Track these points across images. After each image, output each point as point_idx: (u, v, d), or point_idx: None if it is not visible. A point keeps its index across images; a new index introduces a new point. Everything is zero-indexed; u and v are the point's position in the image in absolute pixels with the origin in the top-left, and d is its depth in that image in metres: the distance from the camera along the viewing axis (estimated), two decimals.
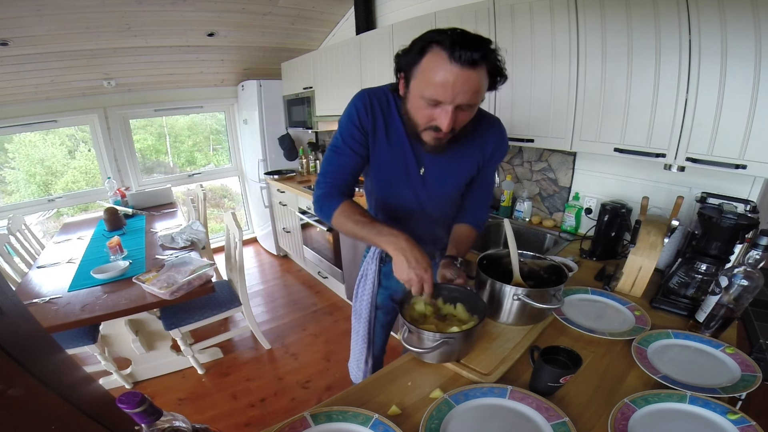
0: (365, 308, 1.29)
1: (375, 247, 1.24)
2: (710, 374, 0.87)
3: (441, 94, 0.77)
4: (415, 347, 0.87)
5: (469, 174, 1.10)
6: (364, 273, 1.29)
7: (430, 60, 0.76)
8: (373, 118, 0.97)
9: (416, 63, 0.79)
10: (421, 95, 0.81)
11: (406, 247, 0.85)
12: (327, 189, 0.99)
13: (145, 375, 2.18)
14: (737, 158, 1.10)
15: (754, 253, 0.91)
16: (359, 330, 1.33)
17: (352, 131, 0.98)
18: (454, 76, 0.74)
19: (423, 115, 0.84)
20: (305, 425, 0.74)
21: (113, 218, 2.66)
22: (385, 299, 1.32)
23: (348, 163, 1.00)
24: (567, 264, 1.38)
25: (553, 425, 0.73)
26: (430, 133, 0.87)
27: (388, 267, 1.27)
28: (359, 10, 2.74)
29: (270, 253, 4.05)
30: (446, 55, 0.73)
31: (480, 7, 1.64)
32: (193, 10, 2.54)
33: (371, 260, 1.26)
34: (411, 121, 0.89)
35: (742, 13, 1.00)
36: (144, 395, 0.43)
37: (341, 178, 1.01)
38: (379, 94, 0.98)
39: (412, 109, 0.87)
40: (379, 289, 1.29)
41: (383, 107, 0.97)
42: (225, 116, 3.99)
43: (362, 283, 1.29)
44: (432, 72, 0.76)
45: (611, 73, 1.32)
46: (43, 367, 0.52)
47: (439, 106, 0.81)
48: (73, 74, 2.78)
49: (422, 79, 0.79)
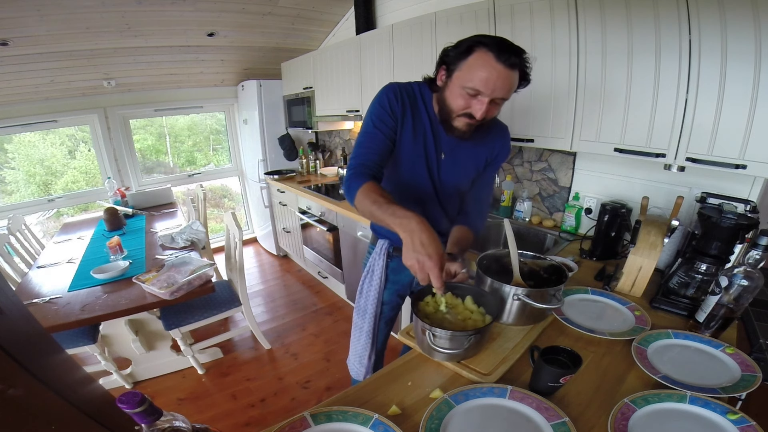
0: (371, 304, 1.30)
1: (382, 242, 1.29)
2: (710, 374, 0.87)
3: (483, 86, 0.90)
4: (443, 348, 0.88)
5: (477, 168, 1.20)
6: (370, 269, 1.30)
7: (478, 57, 0.89)
8: (402, 106, 1.07)
9: (463, 58, 0.91)
10: (463, 86, 0.93)
11: (415, 229, 0.82)
12: (355, 170, 1.02)
13: (145, 375, 2.18)
14: (737, 158, 1.10)
15: (754, 253, 0.91)
16: (363, 326, 1.33)
17: (383, 116, 1.06)
18: (497, 73, 0.89)
19: (460, 103, 0.96)
20: (305, 425, 0.74)
21: (113, 218, 2.66)
22: (391, 294, 1.35)
23: (378, 146, 1.05)
24: (567, 264, 1.38)
25: (553, 425, 0.73)
26: (462, 119, 0.98)
27: (395, 262, 1.30)
28: (359, 10, 2.74)
29: (270, 253, 4.05)
30: (493, 56, 0.88)
31: (480, 7, 1.64)
32: (193, 10, 2.54)
33: (378, 256, 1.28)
34: (447, 107, 1.00)
35: (742, 13, 1.00)
36: (144, 395, 0.43)
37: (370, 159, 1.04)
38: (406, 86, 1.09)
39: (450, 97, 0.97)
40: (387, 284, 1.31)
41: (411, 98, 1.08)
42: (225, 116, 3.99)
43: (368, 278, 1.30)
44: (478, 67, 0.89)
45: (611, 73, 1.32)
46: (43, 367, 0.52)
47: (476, 96, 0.93)
48: (73, 74, 2.78)
49: (468, 72, 0.91)
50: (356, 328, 1.37)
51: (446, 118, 1.02)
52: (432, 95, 1.09)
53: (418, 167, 1.13)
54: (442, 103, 1.01)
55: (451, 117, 1.00)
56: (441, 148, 1.13)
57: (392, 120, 1.06)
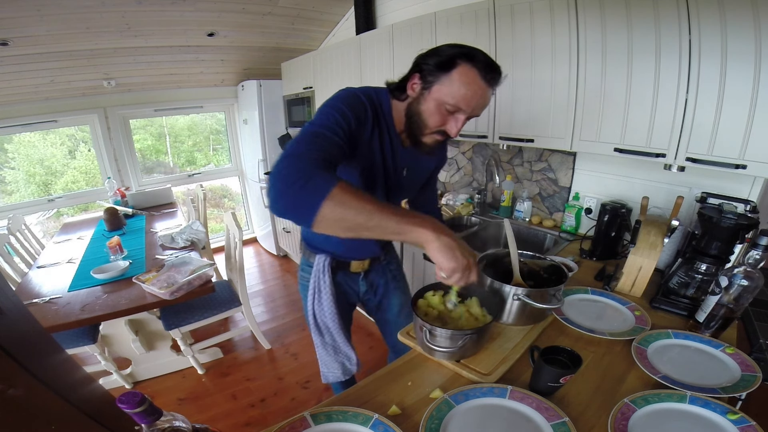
0: (329, 321, 1.22)
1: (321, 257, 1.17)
2: (710, 374, 0.87)
3: (465, 104, 0.85)
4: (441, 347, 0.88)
5: (428, 175, 1.21)
6: (316, 289, 1.20)
7: (462, 73, 0.83)
8: (373, 113, 0.94)
9: (445, 71, 0.84)
10: (443, 101, 0.85)
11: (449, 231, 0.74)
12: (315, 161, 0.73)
13: (145, 375, 2.18)
14: (737, 158, 1.10)
15: (754, 253, 0.91)
16: (325, 341, 1.27)
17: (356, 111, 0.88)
18: (482, 92, 0.84)
19: (436, 119, 0.88)
20: (305, 425, 0.74)
21: (113, 218, 2.66)
22: (343, 304, 1.29)
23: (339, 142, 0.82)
24: (567, 264, 1.38)
25: (553, 425, 0.73)
26: (434, 136, 0.92)
27: (340, 276, 1.24)
28: (359, 10, 2.74)
29: (270, 253, 4.05)
30: (478, 74, 0.82)
31: (480, 7, 1.64)
32: (193, 10, 2.53)
33: (322, 273, 1.18)
34: (420, 122, 0.90)
35: (742, 13, 1.00)
36: (144, 395, 0.43)
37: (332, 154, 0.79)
38: (366, 91, 0.95)
39: (426, 112, 0.89)
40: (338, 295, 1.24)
41: (376, 106, 0.96)
42: (225, 116, 3.99)
43: (317, 299, 1.21)
44: (463, 85, 0.83)
45: (611, 72, 1.32)
46: (43, 367, 0.52)
47: (455, 114, 0.87)
48: (73, 74, 2.78)
49: (450, 88, 0.84)
50: (320, 345, 1.28)
51: (416, 133, 0.92)
52: (390, 103, 0.96)
53: (374, 181, 1.01)
54: (415, 116, 0.90)
55: (423, 133, 0.91)
56: (403, 163, 1.05)
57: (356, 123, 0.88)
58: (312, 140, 0.78)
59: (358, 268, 1.25)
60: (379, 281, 1.33)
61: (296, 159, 0.72)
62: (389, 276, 1.34)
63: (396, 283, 1.36)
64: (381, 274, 1.32)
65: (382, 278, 1.33)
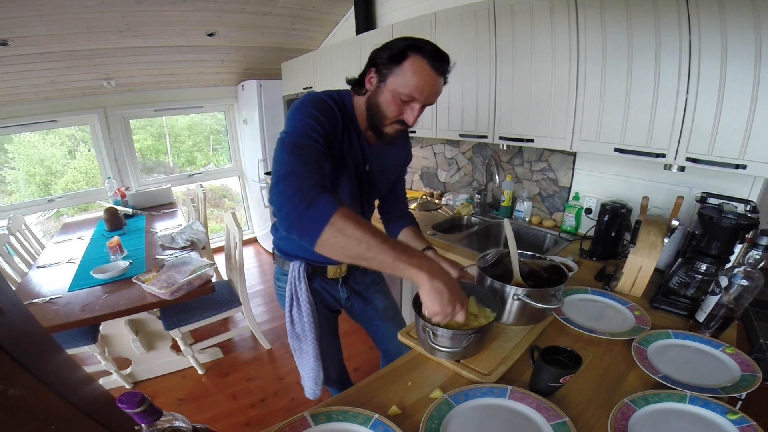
0: (308, 328, 1.20)
1: (296, 264, 1.16)
2: (710, 374, 0.87)
3: (418, 93, 0.89)
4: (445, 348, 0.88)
5: (396, 174, 1.23)
6: (293, 296, 1.18)
7: (413, 63, 0.87)
8: (342, 116, 0.97)
9: (397, 63, 0.88)
10: (397, 92, 0.90)
11: (443, 272, 0.78)
12: (314, 179, 0.76)
13: (145, 375, 2.18)
14: (737, 158, 1.10)
15: (754, 253, 0.91)
16: (306, 349, 1.23)
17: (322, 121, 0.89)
18: (432, 80, 0.88)
19: (393, 110, 0.93)
20: (305, 425, 0.74)
21: (113, 218, 2.66)
22: (323, 310, 1.27)
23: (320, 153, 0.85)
24: (567, 264, 1.38)
25: (553, 425, 0.73)
26: (394, 126, 0.96)
27: (317, 282, 1.22)
28: (359, 10, 2.74)
29: (270, 253, 4.04)
30: (427, 63, 0.86)
31: (480, 7, 1.64)
32: (193, 10, 2.53)
33: (298, 280, 1.16)
34: (380, 113, 0.94)
35: (742, 13, 1.00)
36: (144, 395, 0.43)
37: (323, 167, 0.84)
38: (331, 94, 0.98)
39: (384, 103, 0.93)
40: (316, 304, 1.22)
41: (342, 107, 0.98)
42: (225, 116, 3.99)
43: (295, 305, 1.19)
44: (414, 74, 0.87)
45: (611, 72, 1.32)
46: (43, 367, 0.51)
47: (410, 103, 0.91)
48: (73, 74, 2.78)
49: (402, 79, 0.88)
50: (301, 352, 1.25)
51: (377, 124, 0.96)
52: (353, 101, 1.00)
53: (346, 182, 1.04)
54: (374, 108, 0.94)
55: (383, 123, 0.95)
56: (370, 161, 1.08)
57: (330, 128, 0.91)
58: (299, 153, 0.80)
59: (335, 274, 1.22)
60: (359, 287, 1.31)
61: (295, 177, 0.75)
62: (368, 280, 1.33)
63: (376, 287, 1.35)
64: (360, 279, 1.30)
65: (362, 283, 1.31)
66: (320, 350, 1.24)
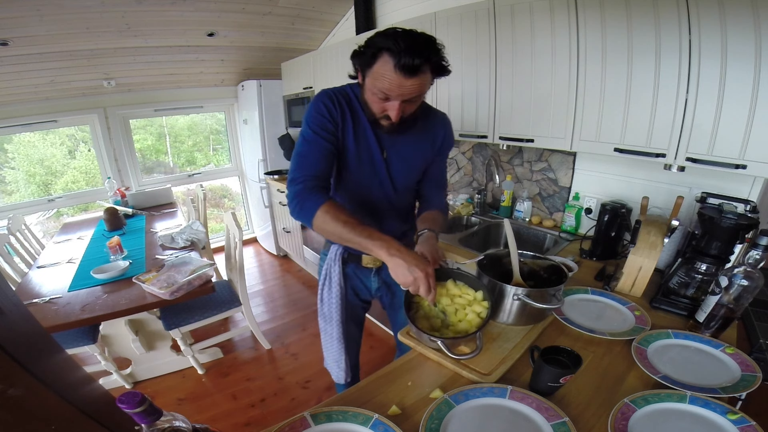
0: (335, 310, 1.27)
1: (336, 246, 1.25)
2: (710, 374, 0.87)
3: (390, 92, 0.91)
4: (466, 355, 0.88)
5: (424, 162, 1.21)
6: (327, 275, 1.27)
7: (382, 64, 0.89)
8: (341, 110, 1.05)
9: (371, 64, 0.91)
10: (374, 90, 0.94)
11: (400, 249, 0.88)
12: (304, 184, 0.98)
13: (145, 375, 2.18)
14: (737, 158, 1.10)
15: (754, 253, 0.91)
16: (331, 332, 1.31)
17: (323, 122, 1.02)
18: (399, 80, 0.88)
19: (377, 106, 0.97)
20: (305, 425, 0.74)
21: (113, 218, 2.66)
22: (353, 297, 1.34)
23: (322, 153, 1.02)
24: (567, 264, 1.38)
25: (553, 425, 0.73)
26: (384, 120, 1.00)
27: (351, 267, 1.29)
28: (359, 10, 2.74)
29: (270, 253, 4.05)
30: (393, 65, 0.86)
31: (480, 7, 1.64)
32: (193, 10, 2.53)
33: (333, 262, 1.25)
34: (368, 109, 1.01)
35: (742, 13, 1.00)
36: (144, 395, 0.43)
37: (317, 169, 1.00)
38: (340, 90, 1.08)
39: (369, 100, 0.99)
40: (346, 289, 1.29)
41: (347, 100, 1.06)
42: (225, 116, 3.99)
43: (327, 285, 1.28)
44: (381, 76, 0.90)
45: (611, 72, 1.32)
46: (43, 367, 0.51)
47: (388, 100, 0.94)
48: (73, 74, 2.78)
49: (374, 79, 0.92)
50: (325, 334, 1.34)
51: (370, 118, 1.03)
52: (361, 92, 1.06)
53: (366, 170, 1.12)
54: (364, 104, 1.02)
55: (374, 117, 1.01)
56: (383, 146, 1.12)
57: (332, 125, 1.03)
58: (299, 162, 1.01)
59: (369, 263, 1.27)
60: (390, 279, 1.30)
61: (293, 185, 0.99)
62: None
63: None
64: None
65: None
66: (344, 336, 1.30)
